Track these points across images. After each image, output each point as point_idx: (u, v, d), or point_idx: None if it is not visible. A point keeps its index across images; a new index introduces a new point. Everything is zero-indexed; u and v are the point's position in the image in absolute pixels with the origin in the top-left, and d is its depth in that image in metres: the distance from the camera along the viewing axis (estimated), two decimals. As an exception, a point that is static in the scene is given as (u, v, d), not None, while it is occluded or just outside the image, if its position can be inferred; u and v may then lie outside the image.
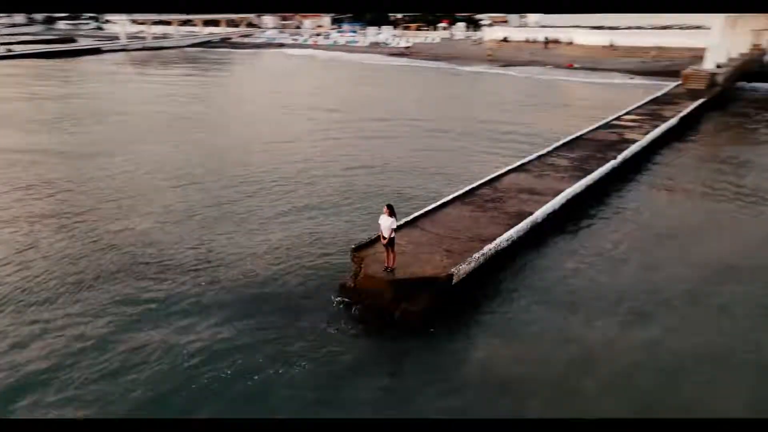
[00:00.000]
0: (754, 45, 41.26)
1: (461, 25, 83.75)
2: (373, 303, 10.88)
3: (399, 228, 11.68)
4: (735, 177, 18.36)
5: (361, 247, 11.88)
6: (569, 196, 15.32)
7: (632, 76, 43.28)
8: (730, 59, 35.76)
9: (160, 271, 12.65)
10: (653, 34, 52.24)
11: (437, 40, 75.65)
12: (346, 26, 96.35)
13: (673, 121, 23.78)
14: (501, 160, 19.75)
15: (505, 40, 65.26)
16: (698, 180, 18.25)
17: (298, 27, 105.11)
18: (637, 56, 49.82)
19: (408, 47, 67.46)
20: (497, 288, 11.72)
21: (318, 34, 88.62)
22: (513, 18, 75.42)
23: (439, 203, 14.46)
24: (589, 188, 16.29)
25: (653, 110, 26.37)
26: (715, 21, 33.70)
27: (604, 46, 54.09)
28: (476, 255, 11.49)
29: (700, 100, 28.19)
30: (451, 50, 62.80)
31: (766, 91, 33.82)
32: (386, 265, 10.96)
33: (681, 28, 51.99)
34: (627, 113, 25.77)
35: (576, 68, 48.10)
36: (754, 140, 24.23)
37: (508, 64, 51.94)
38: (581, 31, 57.39)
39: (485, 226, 13.20)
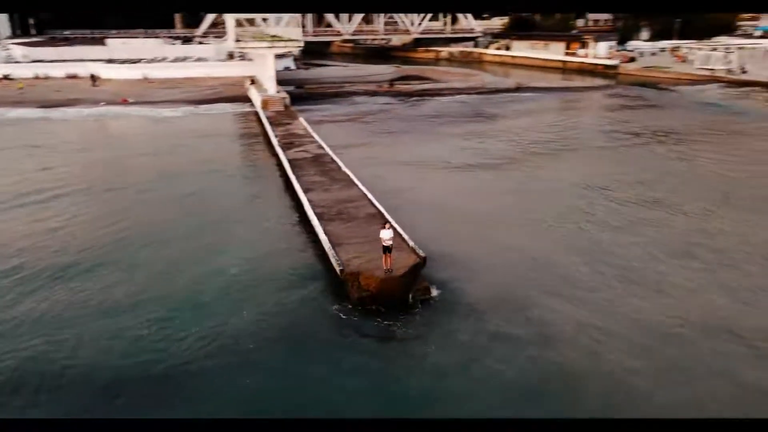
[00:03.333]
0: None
1: None
2: (390, 296, 14.75)
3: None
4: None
5: (344, 270, 15.15)
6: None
7: (196, 105, 48.87)
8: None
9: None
10: (184, 67, 58.67)
11: None
12: None
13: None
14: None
15: (6, 78, 57.53)
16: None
17: None
18: (177, 87, 55.32)
19: None
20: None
21: None
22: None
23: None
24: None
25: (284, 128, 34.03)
26: (266, 52, 43.58)
27: (138, 80, 56.70)
28: (411, 244, 16.71)
29: (301, 119, 37.63)
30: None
31: (311, 109, 46.24)
32: (385, 267, 14.99)
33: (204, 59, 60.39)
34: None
35: (132, 103, 49.55)
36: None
37: (49, 105, 47.80)
38: (109, 66, 57.73)
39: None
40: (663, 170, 27.37)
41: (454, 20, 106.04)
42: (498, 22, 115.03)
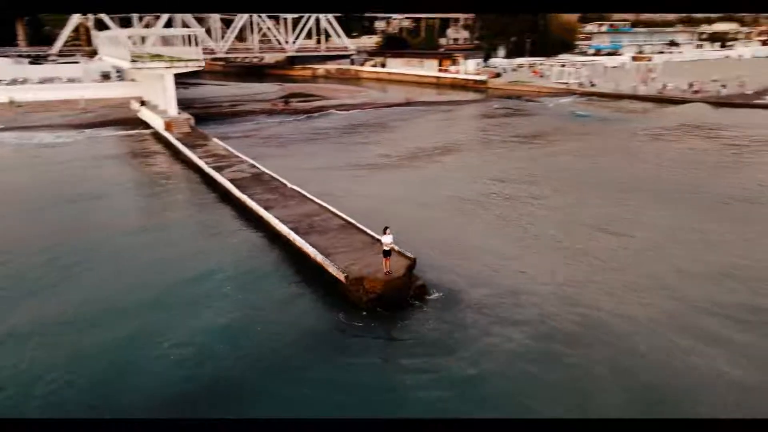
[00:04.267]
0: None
1: None
2: (393, 296, 16.11)
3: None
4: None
5: (349, 277, 16.24)
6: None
7: (80, 129, 45.49)
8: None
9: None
10: (56, 88, 53.88)
11: None
12: None
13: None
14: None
15: None
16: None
17: None
18: (52, 111, 50.86)
19: None
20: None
21: None
22: None
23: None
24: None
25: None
26: (165, 72, 42.16)
27: (1, 103, 51.10)
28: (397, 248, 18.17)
29: (215, 139, 37.08)
30: None
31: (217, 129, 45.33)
32: (386, 270, 16.36)
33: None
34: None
35: (2, 129, 44.79)
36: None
37: None
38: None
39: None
40: (533, 162, 34.11)
41: (328, 38, 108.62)
42: (370, 41, 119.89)
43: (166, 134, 39.84)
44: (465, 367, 13.17)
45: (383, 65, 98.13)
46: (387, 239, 16.22)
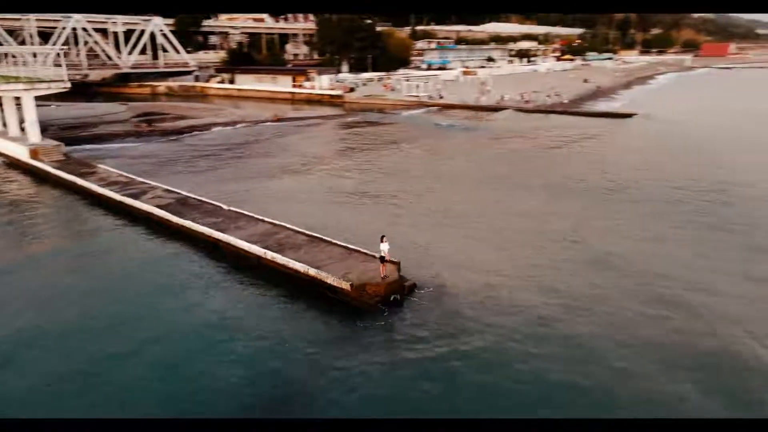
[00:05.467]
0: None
1: None
2: (390, 297, 17.89)
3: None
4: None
5: (353, 284, 17.68)
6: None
7: None
8: None
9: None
10: None
11: None
12: None
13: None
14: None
15: None
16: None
17: None
18: None
19: None
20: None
21: None
22: None
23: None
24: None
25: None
26: (24, 95, 37.82)
27: None
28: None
29: (102, 165, 34.47)
30: None
31: (90, 154, 41.68)
32: (382, 274, 18.13)
33: None
34: None
35: None
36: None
37: None
38: None
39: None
40: (397, 161, 40.55)
41: (165, 52, 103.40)
42: (214, 56, 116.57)
43: (36, 163, 35.85)
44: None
45: (232, 81, 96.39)
46: (384, 247, 17.91)
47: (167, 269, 20.96)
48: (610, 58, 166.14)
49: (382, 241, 17.98)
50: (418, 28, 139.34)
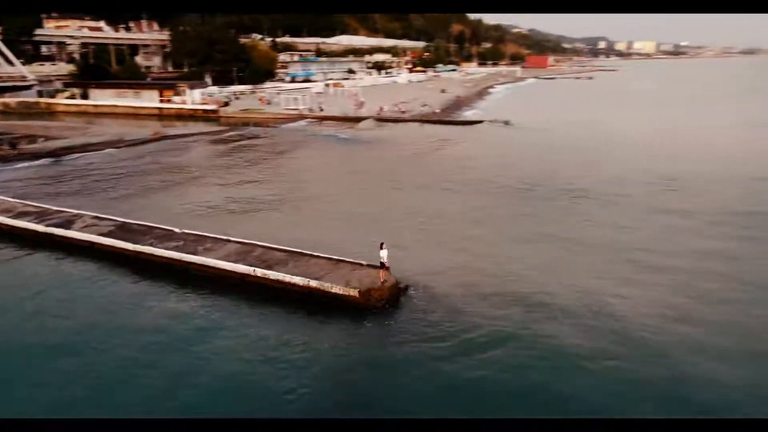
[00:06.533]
0: None
1: None
2: (393, 296, 19.47)
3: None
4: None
5: (361, 291, 18.95)
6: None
7: None
8: None
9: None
10: None
11: None
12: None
13: None
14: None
15: None
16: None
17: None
18: None
19: None
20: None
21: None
22: None
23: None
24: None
25: None
26: None
27: None
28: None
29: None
30: None
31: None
32: (382, 279, 19.64)
33: None
34: None
35: None
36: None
37: None
38: None
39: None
40: (299, 169, 43.61)
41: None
42: (53, 68, 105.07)
43: None
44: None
45: (85, 96, 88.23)
46: (383, 253, 19.34)
47: (151, 306, 19.84)
48: (454, 70, 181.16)
49: (381, 248, 19.41)
50: (278, 40, 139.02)
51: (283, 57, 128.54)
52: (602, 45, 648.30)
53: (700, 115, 79.72)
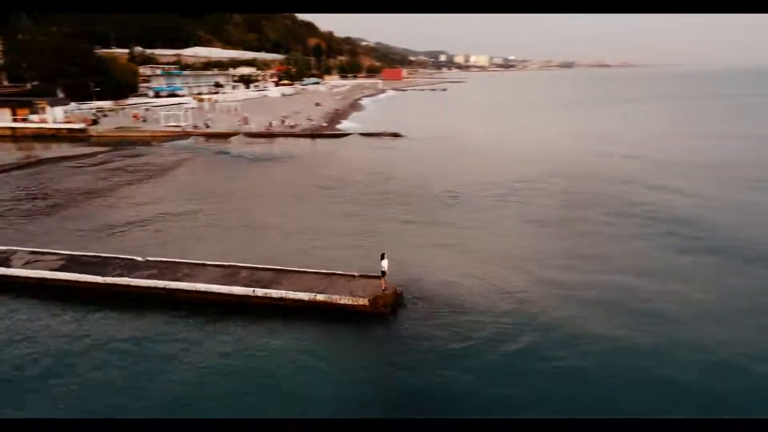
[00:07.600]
0: None
1: None
2: (396, 301, 20.99)
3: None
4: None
5: (369, 299, 20.24)
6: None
7: None
8: None
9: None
10: None
11: None
12: None
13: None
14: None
15: None
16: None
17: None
18: None
19: None
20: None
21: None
22: None
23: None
24: None
25: None
26: None
27: None
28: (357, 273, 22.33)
29: None
30: None
31: None
32: (383, 287, 21.10)
33: None
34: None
35: None
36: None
37: None
38: None
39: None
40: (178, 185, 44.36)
41: None
42: None
43: None
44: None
45: None
46: (384, 263, 20.70)
47: (183, 338, 19.19)
48: (317, 83, 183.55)
49: (382, 258, 20.78)
50: (135, 51, 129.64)
51: (143, 70, 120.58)
52: (443, 58, 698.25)
53: (538, 122, 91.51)
